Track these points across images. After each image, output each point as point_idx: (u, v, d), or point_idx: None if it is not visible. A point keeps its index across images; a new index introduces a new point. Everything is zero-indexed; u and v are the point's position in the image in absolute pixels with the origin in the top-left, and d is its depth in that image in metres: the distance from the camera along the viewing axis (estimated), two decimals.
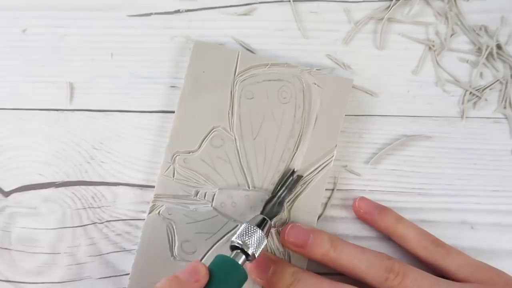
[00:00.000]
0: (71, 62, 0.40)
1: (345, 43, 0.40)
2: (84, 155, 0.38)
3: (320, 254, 0.33)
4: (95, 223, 0.37)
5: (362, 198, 0.37)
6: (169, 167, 0.37)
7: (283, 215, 0.36)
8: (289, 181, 0.36)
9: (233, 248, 0.32)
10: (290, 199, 0.36)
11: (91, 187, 0.38)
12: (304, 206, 0.36)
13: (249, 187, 0.37)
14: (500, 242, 0.38)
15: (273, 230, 0.36)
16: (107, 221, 0.37)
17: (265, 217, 0.34)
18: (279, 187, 0.36)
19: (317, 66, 0.39)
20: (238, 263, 0.31)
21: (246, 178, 0.37)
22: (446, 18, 0.41)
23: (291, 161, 0.37)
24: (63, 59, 0.40)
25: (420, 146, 0.39)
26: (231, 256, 0.31)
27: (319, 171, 0.37)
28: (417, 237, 0.35)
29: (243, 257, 0.31)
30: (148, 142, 0.39)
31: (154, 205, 0.36)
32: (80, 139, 0.39)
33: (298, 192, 0.36)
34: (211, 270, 0.30)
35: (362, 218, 0.37)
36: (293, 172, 0.36)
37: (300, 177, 0.36)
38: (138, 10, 0.40)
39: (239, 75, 0.38)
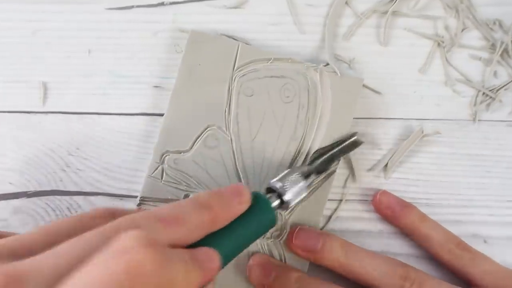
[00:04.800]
0: (44, 60, 0.39)
1: (346, 38, 0.40)
2: (59, 162, 0.38)
3: (331, 260, 0.34)
4: None
5: (384, 192, 0.37)
6: (157, 168, 0.36)
7: (281, 225, 0.36)
8: (347, 142, 0.36)
9: (269, 191, 0.32)
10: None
11: (66, 197, 0.38)
12: (305, 217, 0.36)
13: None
14: None
15: (270, 241, 0.36)
16: None
17: (312, 170, 0.34)
18: (334, 144, 0.36)
19: (315, 64, 0.38)
20: (271, 205, 0.30)
21: (242, 183, 0.36)
22: (457, 11, 0.40)
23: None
24: (35, 56, 0.39)
25: (428, 152, 0.39)
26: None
27: (322, 178, 0.36)
28: (441, 238, 0.35)
29: (277, 201, 0.31)
30: (129, 148, 0.38)
31: (139, 209, 0.36)
32: (54, 144, 0.38)
33: (300, 203, 0.36)
34: None
35: (383, 213, 0.37)
36: (355, 134, 0.37)
37: (360, 142, 0.37)
38: (118, 3, 0.40)
39: (239, 69, 0.38)
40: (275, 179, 0.32)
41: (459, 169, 0.38)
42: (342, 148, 0.36)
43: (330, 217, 0.38)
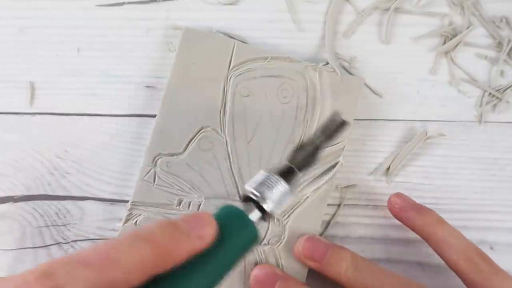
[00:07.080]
0: (32, 59, 0.39)
1: (346, 36, 0.40)
2: (47, 165, 0.38)
3: (337, 272, 0.33)
4: (60, 243, 0.37)
5: (399, 194, 0.35)
6: (149, 171, 0.36)
7: (278, 231, 0.36)
8: (331, 126, 0.29)
9: (246, 199, 0.27)
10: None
11: (54, 202, 0.37)
12: (303, 223, 0.36)
13: (240, 198, 0.36)
14: None
15: (266, 248, 0.35)
16: (73, 240, 0.37)
17: (294, 167, 0.28)
18: (316, 133, 0.29)
19: (314, 63, 0.38)
20: (250, 219, 0.26)
21: (237, 187, 0.36)
22: (462, 8, 0.40)
23: None
24: (23, 55, 0.39)
25: (432, 154, 0.39)
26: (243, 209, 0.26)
27: (320, 174, 0.36)
28: (460, 245, 0.32)
29: (258, 213, 0.26)
30: (120, 151, 0.38)
31: (130, 214, 0.36)
32: (42, 146, 0.38)
33: (296, 207, 0.36)
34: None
35: (397, 216, 0.35)
36: (337, 114, 0.30)
37: (345, 123, 0.30)
38: None
39: (234, 68, 0.37)
40: (249, 184, 0.27)
41: (464, 173, 0.38)
42: (326, 135, 0.29)
43: (329, 222, 0.37)
